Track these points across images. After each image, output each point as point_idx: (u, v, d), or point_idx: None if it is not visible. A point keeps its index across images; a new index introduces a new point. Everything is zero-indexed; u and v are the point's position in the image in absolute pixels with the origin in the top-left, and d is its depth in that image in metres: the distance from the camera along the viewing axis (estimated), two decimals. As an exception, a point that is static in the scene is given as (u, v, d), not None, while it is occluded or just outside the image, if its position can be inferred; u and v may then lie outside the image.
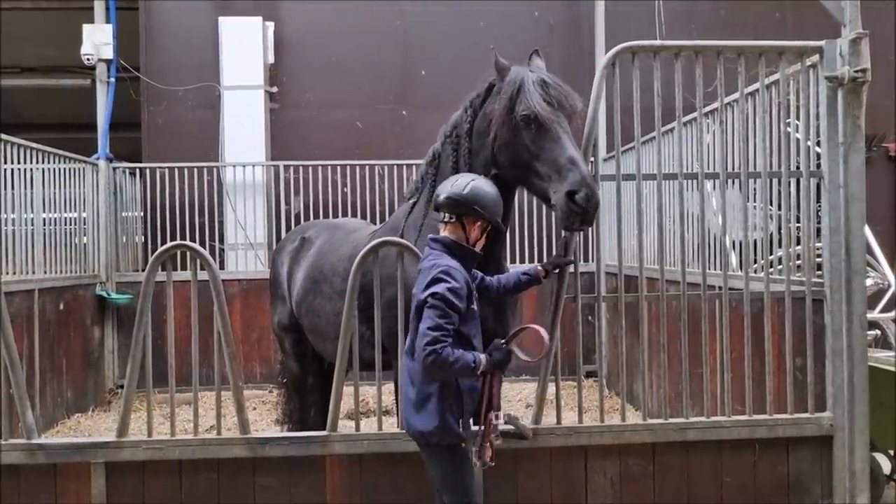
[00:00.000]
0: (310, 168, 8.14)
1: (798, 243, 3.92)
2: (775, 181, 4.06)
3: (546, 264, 3.32)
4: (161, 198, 8.01)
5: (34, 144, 6.29)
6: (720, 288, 3.67)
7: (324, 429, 3.50)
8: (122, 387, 6.77)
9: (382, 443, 3.44)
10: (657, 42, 3.63)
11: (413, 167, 7.22)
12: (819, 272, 3.76)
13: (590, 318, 7.47)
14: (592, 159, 3.52)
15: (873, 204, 4.33)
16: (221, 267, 7.76)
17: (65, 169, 6.95)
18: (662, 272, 3.69)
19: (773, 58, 3.72)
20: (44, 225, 6.48)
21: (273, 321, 5.05)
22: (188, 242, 3.56)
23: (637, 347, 4.53)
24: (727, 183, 3.71)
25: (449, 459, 2.92)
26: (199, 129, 8.54)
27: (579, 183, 2.99)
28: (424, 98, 8.71)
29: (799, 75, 3.81)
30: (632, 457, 3.57)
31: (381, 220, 7.33)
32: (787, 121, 3.85)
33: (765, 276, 3.71)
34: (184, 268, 6.45)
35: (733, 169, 4.09)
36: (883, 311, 5.95)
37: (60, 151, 6.82)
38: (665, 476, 3.58)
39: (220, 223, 8.15)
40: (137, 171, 8.16)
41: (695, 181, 4.03)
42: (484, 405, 2.88)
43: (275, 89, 8.66)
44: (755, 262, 4.26)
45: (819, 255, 3.84)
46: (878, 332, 5.90)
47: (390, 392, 3.91)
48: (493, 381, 2.89)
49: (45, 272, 6.45)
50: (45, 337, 6.23)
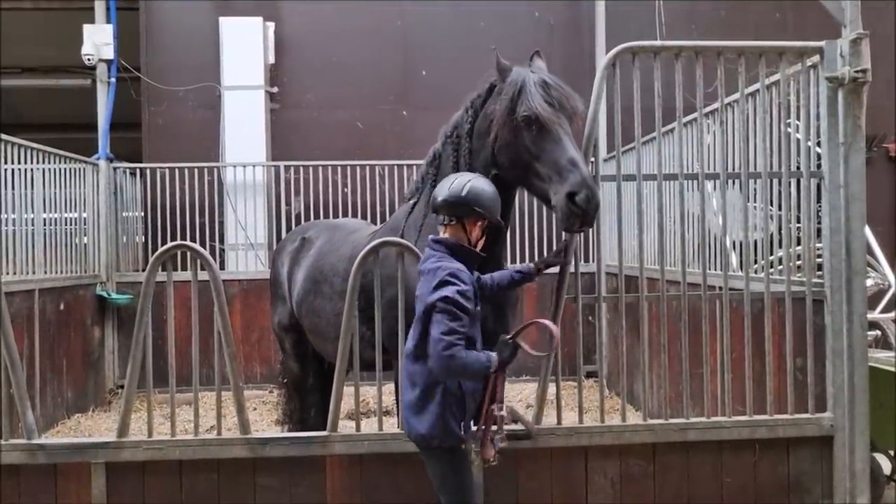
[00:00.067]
0: (310, 168, 8.14)
1: (798, 244, 3.91)
2: (776, 181, 4.06)
3: (539, 262, 3.32)
4: (161, 198, 8.01)
5: (35, 145, 6.30)
6: (720, 288, 3.66)
7: (324, 429, 3.50)
8: (122, 387, 6.80)
9: (383, 443, 3.44)
10: (657, 42, 3.63)
11: (413, 167, 7.22)
12: (819, 272, 3.75)
13: (590, 319, 7.47)
14: (593, 160, 3.52)
15: (874, 204, 4.33)
16: (222, 267, 7.76)
17: (65, 169, 6.96)
18: (663, 272, 3.68)
19: (774, 58, 3.72)
20: (44, 225, 6.48)
21: (273, 321, 5.05)
22: (188, 243, 3.55)
23: (637, 348, 4.52)
24: (727, 183, 3.71)
25: (448, 462, 2.92)
26: (199, 129, 8.55)
27: (580, 184, 2.98)
28: (425, 98, 8.72)
29: (799, 76, 3.81)
30: (632, 457, 3.57)
31: (382, 220, 7.33)
32: (788, 121, 3.84)
33: (765, 276, 3.70)
34: (184, 268, 6.46)
35: (734, 169, 4.09)
36: (883, 311, 5.94)
37: (61, 152, 6.83)
38: (665, 476, 3.58)
39: (221, 223, 8.15)
40: (138, 171, 8.16)
41: (695, 181, 4.03)
42: (487, 402, 2.89)
43: (275, 89, 8.66)
44: (755, 262, 4.26)
45: (819, 256, 3.84)
46: (878, 332, 5.89)
47: (391, 392, 3.91)
48: (498, 379, 2.89)
49: (46, 272, 6.45)
50: (45, 337, 6.23)
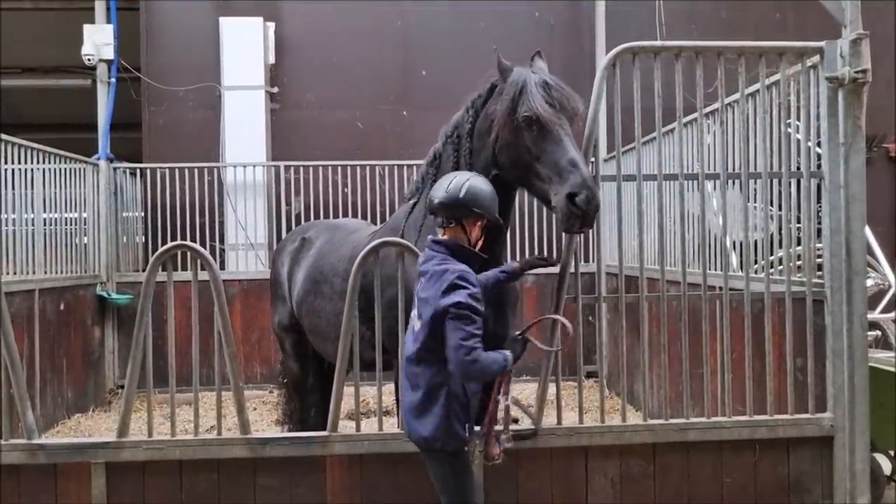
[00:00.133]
0: (310, 168, 8.14)
1: (798, 244, 3.91)
2: (776, 182, 4.06)
3: (523, 262, 3.30)
4: (162, 198, 8.02)
5: (35, 145, 6.30)
6: (721, 288, 3.66)
7: (324, 429, 3.50)
8: (122, 387, 6.80)
9: (383, 443, 3.44)
10: (658, 43, 3.63)
11: (414, 167, 7.22)
12: (819, 273, 3.75)
13: (590, 319, 7.47)
14: (593, 160, 3.51)
15: (874, 204, 4.33)
16: (222, 267, 7.76)
17: (65, 169, 6.96)
18: (663, 272, 3.68)
19: (774, 58, 3.71)
20: (44, 225, 6.48)
21: (273, 321, 5.05)
22: (189, 243, 3.55)
23: (637, 348, 4.52)
24: (728, 183, 3.71)
25: (451, 464, 2.92)
26: (199, 129, 8.55)
27: (580, 185, 2.98)
28: (425, 98, 8.72)
29: (799, 76, 3.81)
30: (632, 457, 3.57)
31: (382, 220, 7.34)
32: (788, 121, 3.84)
33: (765, 276, 3.70)
34: (184, 268, 6.46)
35: (734, 169, 4.09)
36: (883, 311, 5.94)
37: (61, 152, 6.83)
38: (665, 476, 3.57)
39: (221, 223, 8.15)
40: (138, 171, 8.16)
41: (695, 182, 4.03)
42: (493, 396, 2.92)
43: (275, 90, 8.66)
44: (756, 262, 4.26)
45: (819, 256, 3.83)
46: (878, 332, 5.89)
47: (391, 392, 3.90)
48: (504, 377, 2.91)
49: (46, 272, 6.45)
50: (45, 337, 6.23)
